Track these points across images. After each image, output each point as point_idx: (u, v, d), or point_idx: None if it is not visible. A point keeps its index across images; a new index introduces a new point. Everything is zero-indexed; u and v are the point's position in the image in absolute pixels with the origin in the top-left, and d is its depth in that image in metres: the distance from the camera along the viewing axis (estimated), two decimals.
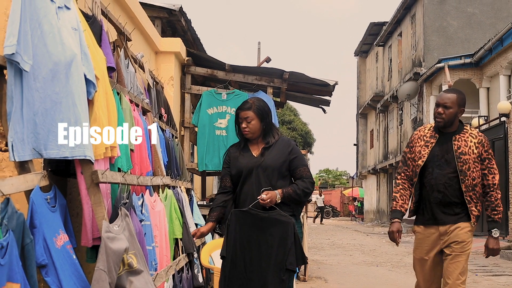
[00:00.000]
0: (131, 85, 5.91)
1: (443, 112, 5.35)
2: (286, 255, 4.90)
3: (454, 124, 5.42)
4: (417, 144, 5.54)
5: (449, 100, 5.35)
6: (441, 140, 5.43)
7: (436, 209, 5.40)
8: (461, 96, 5.44)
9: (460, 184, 5.31)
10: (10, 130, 3.46)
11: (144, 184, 5.30)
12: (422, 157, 5.40)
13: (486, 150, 5.39)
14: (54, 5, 3.89)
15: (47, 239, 3.50)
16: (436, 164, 5.36)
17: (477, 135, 5.40)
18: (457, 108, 5.36)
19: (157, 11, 11.88)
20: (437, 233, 5.38)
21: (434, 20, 29.72)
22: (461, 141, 5.36)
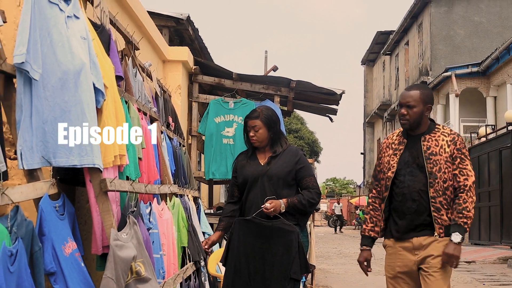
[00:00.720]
0: (139, 93, 5.93)
1: (407, 113, 4.77)
2: (290, 264, 4.89)
3: (422, 125, 4.83)
4: (385, 154, 4.97)
5: (411, 99, 4.77)
6: (410, 144, 4.85)
7: (410, 220, 4.77)
8: (425, 91, 4.86)
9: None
10: (19, 139, 3.48)
11: (152, 193, 5.31)
12: (392, 167, 4.84)
13: (459, 149, 4.76)
14: (64, 15, 3.92)
15: (55, 247, 3.52)
16: (408, 172, 4.78)
17: (450, 133, 4.81)
18: (422, 106, 4.76)
19: (165, 20, 11.93)
20: (411, 246, 4.74)
21: (441, 29, 29.74)
22: (431, 141, 4.79)
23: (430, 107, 4.82)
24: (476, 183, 21.83)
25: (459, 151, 4.75)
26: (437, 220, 4.67)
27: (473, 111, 27.43)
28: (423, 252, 4.69)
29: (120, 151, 4.42)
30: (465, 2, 29.94)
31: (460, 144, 4.77)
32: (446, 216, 4.68)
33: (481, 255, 17.11)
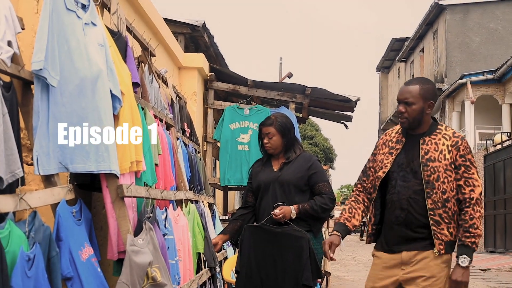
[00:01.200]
0: (155, 100, 5.96)
1: (405, 110, 4.28)
2: (301, 270, 4.90)
3: (423, 124, 4.33)
4: (380, 151, 4.50)
5: (409, 94, 4.28)
6: (408, 145, 4.36)
7: (398, 231, 4.30)
8: (425, 86, 4.34)
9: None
10: (36, 144, 3.50)
11: (168, 199, 5.33)
12: (384, 167, 4.37)
13: (463, 155, 4.23)
14: (81, 22, 3.95)
15: (72, 252, 3.54)
16: (400, 176, 4.30)
17: (452, 137, 4.29)
18: (422, 103, 4.27)
19: (181, 27, 11.98)
20: (399, 260, 4.27)
21: (457, 36, 29.65)
22: (430, 144, 4.28)
23: (432, 104, 4.33)
24: (491, 190, 21.91)
25: (463, 157, 4.24)
26: (437, 235, 4.19)
27: (488, 118, 27.32)
28: (412, 268, 4.21)
29: (136, 157, 4.44)
30: (480, 9, 29.85)
31: (464, 150, 4.25)
32: (447, 231, 4.21)
33: (497, 263, 17.02)
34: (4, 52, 3.34)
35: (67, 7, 3.82)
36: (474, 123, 26.61)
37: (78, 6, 3.97)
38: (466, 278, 4.17)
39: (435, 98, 4.38)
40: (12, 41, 3.45)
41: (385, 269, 4.34)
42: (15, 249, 2.88)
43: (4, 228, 2.84)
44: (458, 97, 28.07)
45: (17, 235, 2.93)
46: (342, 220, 4.51)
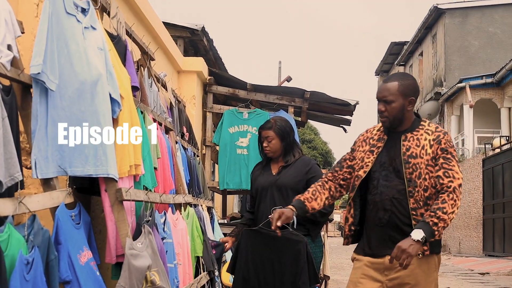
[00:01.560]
0: (154, 104, 5.96)
1: (385, 109, 4.08)
2: (299, 274, 4.90)
3: (405, 121, 4.11)
4: (360, 148, 4.27)
5: (388, 92, 4.06)
6: (390, 143, 4.15)
7: (381, 233, 4.06)
8: (405, 82, 4.10)
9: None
10: (34, 148, 3.51)
11: (167, 202, 5.34)
12: (365, 166, 4.15)
13: (444, 148, 4.00)
14: (81, 26, 3.96)
15: (71, 256, 3.54)
16: (382, 175, 4.08)
17: (435, 131, 4.07)
18: (402, 100, 4.05)
19: (180, 31, 11.97)
20: (382, 265, 4.02)
21: (455, 39, 29.69)
22: (412, 140, 4.07)
23: (413, 100, 4.11)
24: (490, 194, 21.94)
25: (444, 151, 4.01)
26: None
27: (487, 122, 27.35)
28: (395, 275, 3.96)
29: (135, 161, 4.45)
30: (479, 12, 29.90)
31: (445, 144, 4.02)
32: None
33: (495, 266, 17.02)
34: (4, 56, 3.34)
35: (66, 11, 3.83)
36: (473, 127, 26.65)
37: (78, 10, 3.98)
38: (411, 251, 3.73)
39: (416, 93, 4.14)
40: (12, 44, 3.45)
41: (367, 274, 4.08)
42: (14, 252, 2.89)
43: (3, 232, 2.85)
44: (457, 101, 28.10)
45: (16, 239, 2.94)
46: (302, 199, 4.29)
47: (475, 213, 23.40)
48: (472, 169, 23.89)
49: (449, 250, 26.64)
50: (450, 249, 26.56)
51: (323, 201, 4.32)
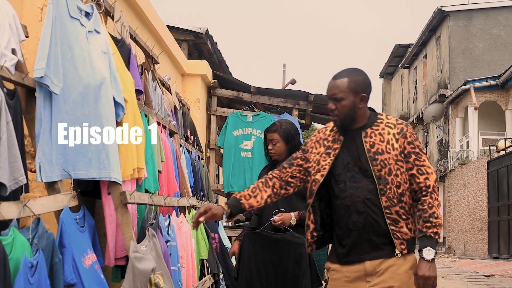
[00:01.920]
0: (158, 107, 5.97)
1: (335, 107, 3.81)
2: (301, 277, 4.90)
3: (359, 118, 3.85)
4: (314, 150, 3.99)
5: (337, 90, 3.80)
6: (348, 142, 3.86)
7: (358, 237, 3.78)
8: (355, 78, 3.84)
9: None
10: (38, 151, 3.52)
11: (171, 205, 5.35)
12: (322, 169, 3.86)
13: (411, 142, 3.79)
14: (85, 29, 3.97)
15: (75, 259, 3.55)
16: (348, 177, 3.79)
17: (397, 124, 3.83)
18: (353, 97, 3.79)
19: (184, 34, 12.01)
20: (362, 272, 3.77)
21: (460, 42, 29.66)
22: (374, 136, 3.81)
23: (365, 97, 3.85)
24: (495, 196, 21.92)
25: (411, 144, 3.80)
26: (396, 234, 3.72)
27: (492, 124, 27.32)
28: (379, 279, 3.72)
29: (138, 164, 4.46)
30: (483, 15, 29.87)
31: (411, 137, 3.81)
32: (407, 228, 3.74)
33: (501, 269, 16.99)
34: (8, 60, 3.35)
35: (70, 15, 3.84)
36: (478, 129, 26.61)
37: (81, 14, 3.99)
38: (434, 272, 3.69)
39: (367, 89, 3.88)
40: (16, 48, 3.47)
41: (347, 283, 3.82)
42: (19, 255, 2.90)
43: (7, 235, 2.85)
44: (462, 103, 28.07)
45: (21, 242, 2.95)
46: (238, 196, 4.01)
47: (480, 215, 23.37)
48: (477, 171, 23.86)
49: (454, 252, 26.60)
50: (455, 251, 26.52)
51: (264, 199, 4.04)
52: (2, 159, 3.03)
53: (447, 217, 28.21)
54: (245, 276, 5.03)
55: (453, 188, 27.35)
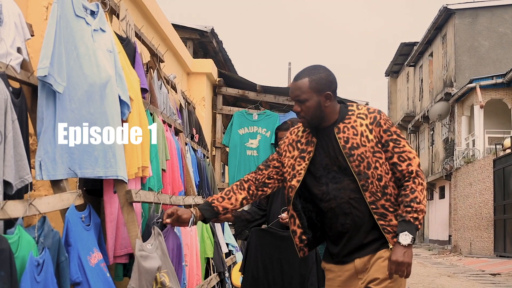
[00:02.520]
0: (164, 105, 5.98)
1: (300, 109, 3.68)
2: (307, 275, 4.90)
3: (328, 116, 3.68)
4: (288, 154, 3.85)
5: (300, 91, 3.66)
6: (323, 141, 3.71)
7: (348, 238, 3.69)
8: (315, 77, 3.66)
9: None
10: (39, 150, 3.52)
11: (177, 204, 5.35)
12: (298, 175, 3.73)
13: (387, 129, 3.62)
14: (90, 28, 3.97)
15: (81, 257, 3.55)
16: (330, 178, 3.65)
17: (368, 113, 3.66)
18: (316, 97, 3.63)
19: (189, 33, 12.01)
20: (353, 270, 3.71)
21: (465, 40, 29.60)
22: (347, 130, 3.63)
23: (329, 95, 3.65)
24: (501, 194, 21.92)
25: (387, 132, 3.62)
26: (386, 228, 3.59)
27: (498, 123, 27.27)
28: (367, 275, 3.64)
29: (143, 163, 4.46)
30: (489, 13, 29.80)
31: (386, 124, 3.63)
32: (396, 220, 3.58)
33: (507, 267, 16.95)
34: (14, 59, 3.36)
35: (76, 13, 3.84)
36: (484, 128, 26.57)
37: (87, 13, 3.99)
38: (409, 259, 3.52)
39: (331, 86, 3.68)
40: (21, 47, 3.47)
41: (342, 283, 3.76)
42: (25, 254, 2.90)
43: (13, 234, 2.86)
44: (467, 102, 28.02)
45: (27, 240, 2.95)
46: (210, 200, 3.86)
47: (486, 213, 23.32)
48: (483, 169, 23.82)
49: (460, 251, 26.56)
50: (461, 250, 26.48)
51: (239, 201, 3.87)
52: (8, 158, 3.04)
53: (453, 215, 28.17)
54: (251, 272, 5.04)
55: (459, 186, 27.31)
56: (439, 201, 32.85)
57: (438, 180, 32.05)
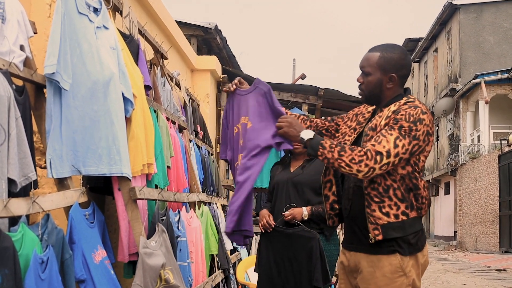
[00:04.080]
0: (167, 102, 5.97)
1: (362, 81, 3.55)
2: (312, 271, 4.89)
3: (384, 99, 3.55)
4: (348, 122, 3.79)
5: (366, 62, 3.52)
6: (371, 121, 3.58)
7: (347, 225, 3.62)
8: (387, 54, 3.50)
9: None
10: (49, 148, 3.52)
11: (181, 201, 5.35)
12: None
13: (397, 119, 3.35)
14: (93, 25, 3.97)
15: (85, 255, 3.55)
16: None
17: (403, 104, 3.43)
18: (380, 75, 3.48)
19: (193, 30, 12.00)
20: (348, 268, 3.63)
21: (470, 35, 29.52)
22: (378, 118, 3.50)
23: (393, 77, 3.49)
24: (507, 190, 21.91)
25: (394, 120, 3.37)
26: (370, 218, 3.38)
27: (503, 118, 27.21)
28: (358, 278, 3.51)
29: (148, 160, 4.46)
30: (494, 8, 29.72)
31: (402, 115, 3.35)
32: (380, 212, 3.35)
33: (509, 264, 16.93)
34: (17, 56, 3.36)
35: (79, 11, 3.84)
36: (489, 123, 26.52)
37: (90, 10, 3.99)
38: (289, 130, 3.58)
39: (400, 70, 3.52)
40: (24, 45, 3.47)
41: (345, 275, 3.69)
42: (28, 251, 2.90)
43: (17, 231, 2.86)
44: (472, 97, 27.96)
45: (30, 238, 2.95)
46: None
47: (492, 209, 23.29)
48: (488, 165, 23.78)
49: (466, 246, 26.53)
50: (467, 246, 26.45)
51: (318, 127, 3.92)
52: (12, 155, 3.04)
53: (458, 211, 28.14)
54: (265, 273, 5.05)
55: (464, 182, 27.27)
56: (444, 197, 32.80)
57: (443, 176, 32.00)
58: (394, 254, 3.40)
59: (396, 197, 3.39)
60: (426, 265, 3.57)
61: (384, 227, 3.36)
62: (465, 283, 12.95)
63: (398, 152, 3.32)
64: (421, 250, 3.49)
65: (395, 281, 3.39)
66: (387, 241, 3.39)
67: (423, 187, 3.48)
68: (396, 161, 3.32)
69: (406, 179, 3.42)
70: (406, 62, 3.57)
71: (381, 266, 3.40)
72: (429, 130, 3.43)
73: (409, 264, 3.42)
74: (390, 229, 3.37)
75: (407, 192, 3.42)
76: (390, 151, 3.29)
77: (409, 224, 3.41)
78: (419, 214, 3.47)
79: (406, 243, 3.41)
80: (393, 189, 3.39)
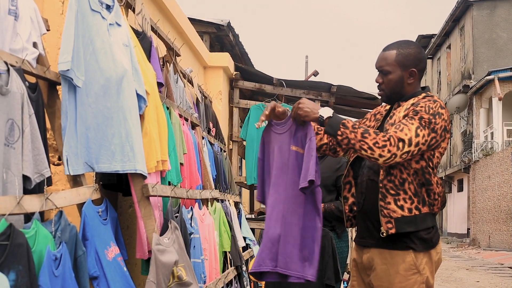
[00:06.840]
0: (180, 99, 5.97)
1: (382, 81, 3.56)
2: (324, 270, 4.87)
3: (408, 94, 3.56)
4: (367, 122, 3.83)
5: (385, 62, 3.53)
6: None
7: (360, 220, 3.63)
8: (404, 51, 3.53)
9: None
10: (65, 145, 3.53)
11: (194, 198, 5.35)
12: None
13: (417, 111, 3.36)
14: (106, 22, 3.97)
15: (98, 251, 3.55)
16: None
17: (422, 98, 3.48)
18: (400, 71, 3.50)
19: (206, 26, 12.01)
20: (361, 265, 3.64)
21: (483, 32, 29.44)
22: (397, 113, 3.52)
23: (414, 72, 3.54)
24: None
25: (414, 111, 3.38)
26: (383, 211, 3.37)
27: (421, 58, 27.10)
28: (371, 275, 3.50)
29: (162, 157, 4.46)
30: (507, 4, 29.61)
31: (422, 107, 3.37)
32: (395, 205, 3.35)
33: None
34: (30, 54, 3.36)
35: (91, 8, 3.84)
36: (502, 120, 26.44)
37: (102, 7, 3.99)
38: (307, 106, 3.46)
39: (418, 64, 3.56)
40: (37, 42, 3.48)
41: (357, 272, 3.70)
42: (42, 248, 2.91)
43: (30, 228, 2.86)
44: (486, 94, 27.88)
45: (44, 235, 2.96)
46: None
47: (505, 206, 23.21)
48: (502, 162, 23.69)
49: (479, 244, 26.45)
50: (480, 243, 26.37)
51: (319, 144, 3.78)
52: (26, 152, 3.05)
53: (472, 208, 28.06)
54: None
55: (477, 179, 27.19)
56: (457, 194, 32.73)
57: (457, 173, 31.93)
58: (408, 251, 3.40)
59: (410, 191, 3.38)
60: (439, 262, 3.55)
61: (398, 220, 3.35)
62: (478, 280, 12.92)
63: (419, 142, 3.31)
64: (434, 247, 3.47)
65: (409, 279, 3.38)
66: (401, 236, 3.38)
67: (436, 183, 3.46)
68: (416, 151, 3.32)
69: (419, 174, 3.42)
70: (423, 56, 3.62)
71: (395, 263, 3.40)
72: (447, 126, 3.48)
73: (423, 261, 3.41)
74: (403, 223, 3.36)
75: (419, 187, 3.42)
76: (412, 139, 3.28)
77: (421, 219, 3.40)
78: (431, 211, 3.46)
79: (419, 240, 3.41)
80: (408, 182, 3.39)
